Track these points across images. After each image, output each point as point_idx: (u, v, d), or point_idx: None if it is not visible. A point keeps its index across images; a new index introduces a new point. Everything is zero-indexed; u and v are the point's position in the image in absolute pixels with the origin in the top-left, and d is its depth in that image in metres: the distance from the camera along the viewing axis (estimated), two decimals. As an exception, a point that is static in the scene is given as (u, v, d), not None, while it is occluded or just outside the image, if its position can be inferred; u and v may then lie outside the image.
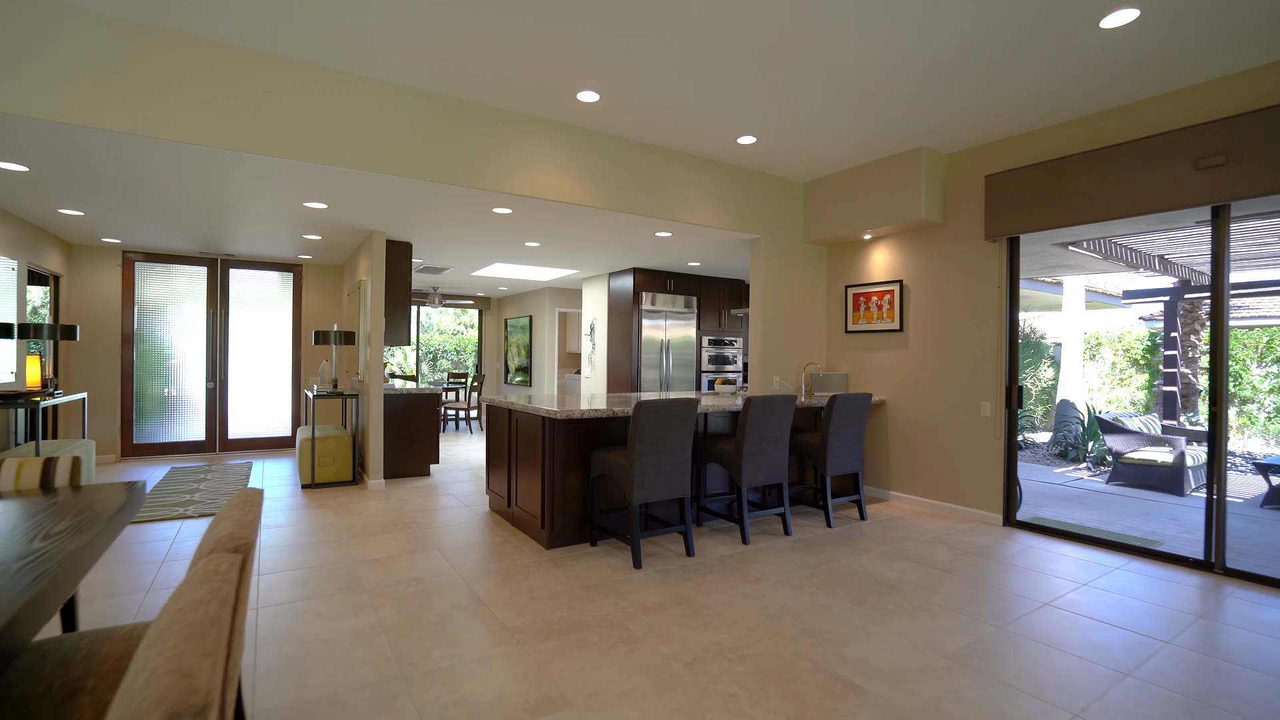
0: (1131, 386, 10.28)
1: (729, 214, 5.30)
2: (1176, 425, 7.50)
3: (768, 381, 5.60)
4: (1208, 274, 7.67)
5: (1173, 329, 7.83)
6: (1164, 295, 7.97)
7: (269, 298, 7.39)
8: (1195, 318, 8.14)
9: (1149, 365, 10.11)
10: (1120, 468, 6.35)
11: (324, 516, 4.52)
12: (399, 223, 5.26)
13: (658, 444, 3.57)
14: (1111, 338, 10.41)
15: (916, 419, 5.13)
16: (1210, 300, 3.88)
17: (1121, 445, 6.42)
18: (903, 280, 5.26)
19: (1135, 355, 10.08)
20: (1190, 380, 8.11)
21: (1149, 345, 9.97)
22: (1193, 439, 6.38)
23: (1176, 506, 5.43)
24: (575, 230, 5.49)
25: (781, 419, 4.16)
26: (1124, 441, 6.41)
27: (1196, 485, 5.94)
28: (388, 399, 5.82)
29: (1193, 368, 8.17)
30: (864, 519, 4.66)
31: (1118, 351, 10.36)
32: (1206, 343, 8.19)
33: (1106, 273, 7.71)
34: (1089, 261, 6.57)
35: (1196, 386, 8.16)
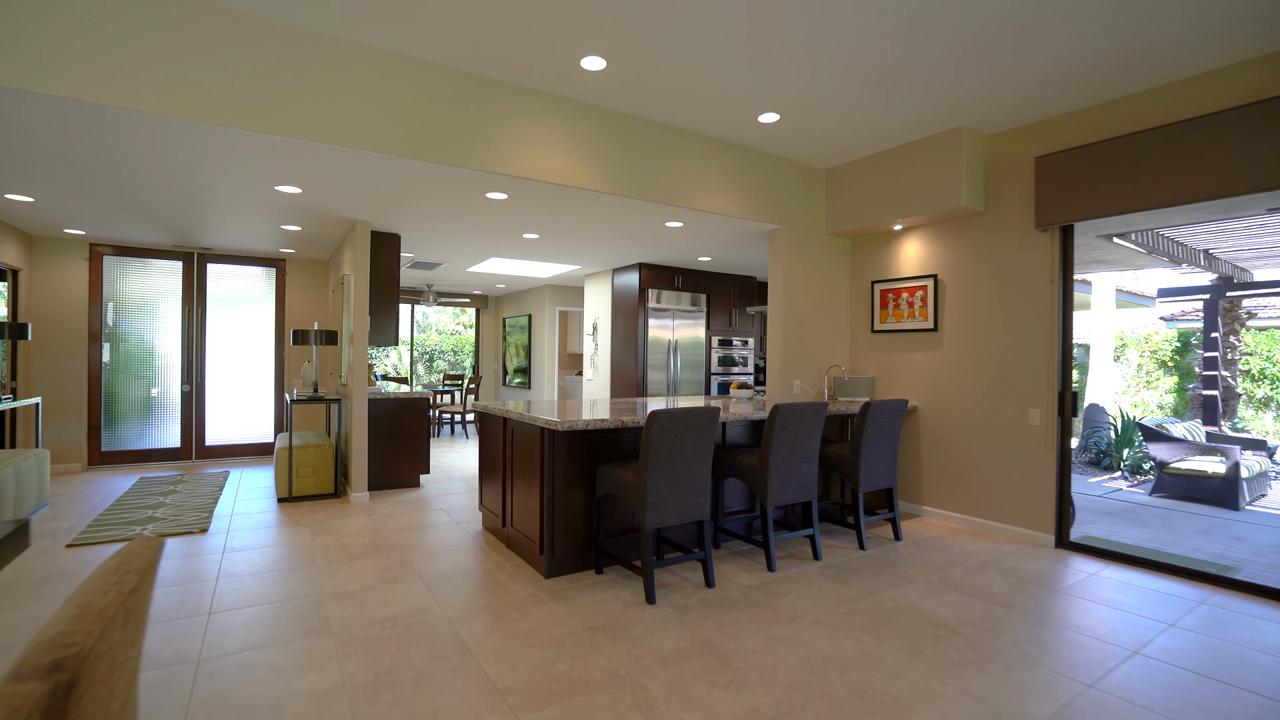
0: (1159, 390, 9.83)
1: (746, 202, 4.84)
2: (1218, 432, 7.03)
3: (788, 386, 5.13)
4: (1251, 270, 7.20)
5: (1213, 329, 7.36)
6: (1203, 293, 7.50)
7: (250, 294, 6.93)
8: (1235, 317, 7.68)
9: (1178, 367, 9.65)
10: (1165, 478, 5.88)
11: (297, 536, 4.05)
12: (384, 211, 4.79)
13: (674, 459, 3.10)
14: (1137, 339, 9.95)
15: (953, 427, 4.66)
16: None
17: (1166, 454, 5.95)
18: (937, 275, 4.79)
19: (1163, 357, 9.63)
20: (1230, 384, 7.64)
21: (1178, 347, 9.52)
22: (1247, 447, 5.91)
23: (1236, 523, 4.96)
24: (577, 219, 5.02)
25: (811, 429, 3.69)
26: (1169, 450, 5.94)
27: (1253, 498, 5.47)
28: (373, 404, 5.35)
29: (1231, 370, 7.70)
30: (899, 539, 4.19)
31: (1144, 353, 9.90)
32: (1250, 345, 7.73)
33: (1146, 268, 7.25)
34: (1130, 256, 6.11)
35: (1237, 390, 7.69)
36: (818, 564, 3.69)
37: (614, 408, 3.96)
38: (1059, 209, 3.97)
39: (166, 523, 4.24)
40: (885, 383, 5.21)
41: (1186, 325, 9.66)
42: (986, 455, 4.43)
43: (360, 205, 4.62)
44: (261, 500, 5.01)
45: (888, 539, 4.22)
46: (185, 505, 4.73)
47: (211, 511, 4.58)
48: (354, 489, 5.00)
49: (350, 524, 4.36)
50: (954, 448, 4.65)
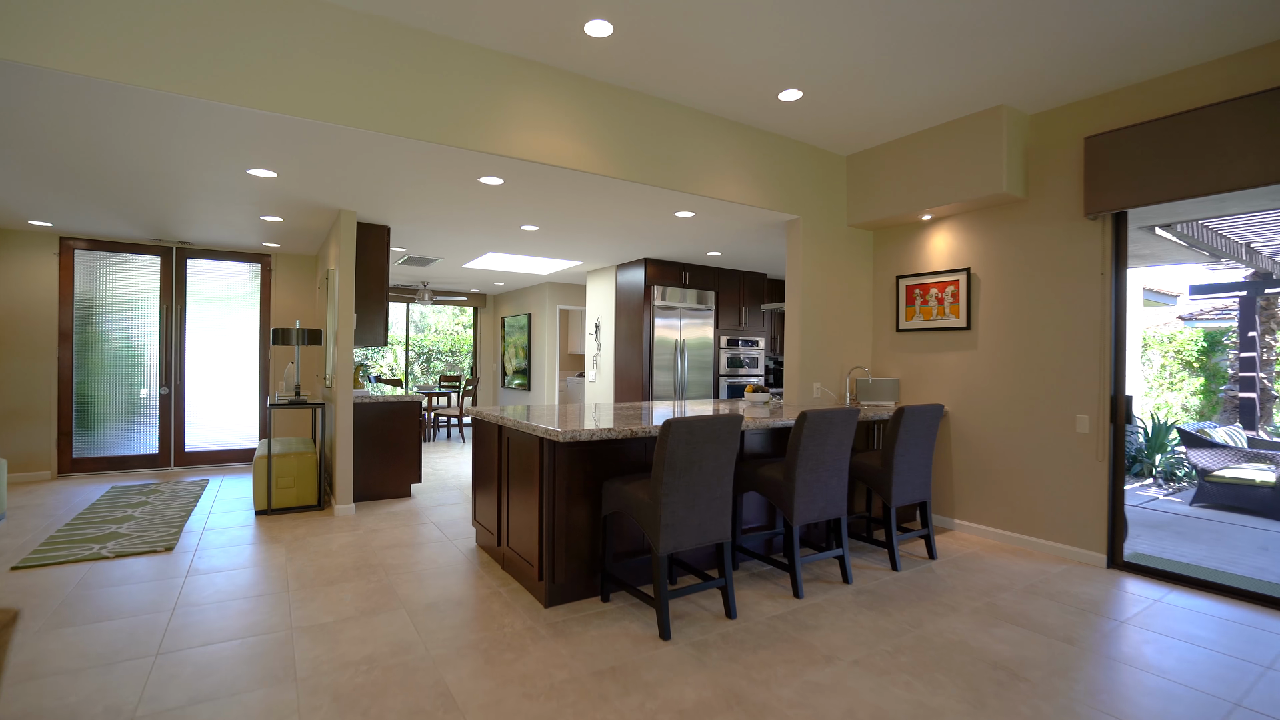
0: (1184, 391, 9.45)
1: (763, 190, 4.46)
2: (1258, 437, 6.65)
3: (807, 388, 4.75)
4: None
5: (1249, 327, 6.98)
6: (1238, 290, 7.12)
7: (233, 292, 6.55)
8: (1271, 315, 7.29)
9: (1204, 368, 9.27)
10: (1208, 487, 5.50)
11: (272, 556, 3.67)
12: (370, 200, 4.41)
13: (691, 475, 2.73)
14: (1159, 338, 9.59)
15: (988, 434, 4.28)
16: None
17: (1208, 461, 5.57)
18: (970, 268, 4.41)
19: (1189, 357, 9.25)
20: (1266, 385, 7.26)
21: (1204, 347, 9.14)
22: (1298, 455, 5.53)
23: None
24: (579, 209, 4.64)
25: (841, 439, 3.32)
26: (1211, 457, 5.56)
27: (1306, 510, 5.09)
28: (360, 408, 4.97)
29: (1268, 371, 7.32)
30: (934, 558, 3.81)
31: (1167, 353, 9.53)
32: (1291, 343, 7.35)
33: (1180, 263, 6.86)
34: (1168, 250, 5.73)
35: (1274, 392, 7.31)
36: (848, 588, 3.31)
37: (620, 414, 3.59)
38: (1111, 194, 3.59)
39: (130, 539, 3.86)
40: (911, 385, 4.83)
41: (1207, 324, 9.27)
42: (1027, 465, 4.06)
43: (344, 193, 4.25)
44: (238, 513, 4.63)
45: (921, 557, 3.85)
46: (155, 519, 4.35)
47: (182, 526, 4.20)
48: (338, 500, 4.63)
49: (332, 541, 3.98)
50: (989, 456, 4.28)
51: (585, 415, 3.46)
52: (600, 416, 3.41)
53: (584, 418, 3.32)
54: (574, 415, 3.45)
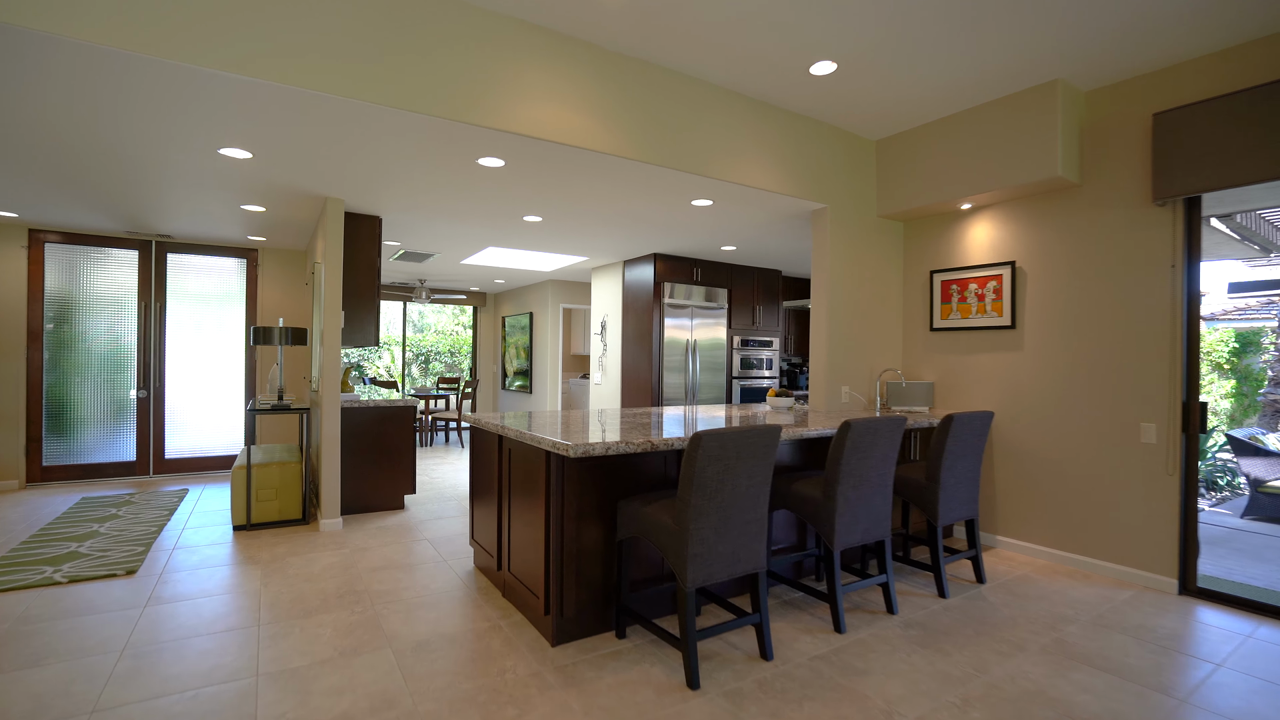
0: (1214, 394, 9.07)
1: (789, 176, 4.08)
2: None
3: (834, 392, 4.37)
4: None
5: (1293, 327, 6.59)
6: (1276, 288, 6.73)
7: (217, 289, 6.17)
8: (1315, 314, 6.90)
9: (1235, 370, 8.89)
10: (1261, 499, 5.11)
11: (246, 580, 3.29)
12: (359, 187, 4.03)
13: (724, 496, 2.34)
14: (1186, 339, 9.18)
15: (1036, 443, 3.90)
16: None
17: (1262, 471, 5.18)
18: (1015, 262, 4.03)
19: (1219, 359, 8.87)
20: (1309, 389, 6.87)
21: (1235, 348, 8.76)
22: (1362, 465, 5.14)
23: (1367, 556, 4.19)
24: (587, 196, 4.26)
25: (886, 452, 2.93)
26: (1266, 466, 5.18)
27: (1374, 525, 4.70)
28: (349, 414, 4.59)
29: (1312, 374, 6.93)
30: (982, 581, 3.43)
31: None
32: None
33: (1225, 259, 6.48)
34: (1217, 244, 5.35)
35: (1318, 396, 6.92)
36: (894, 620, 2.92)
37: (632, 422, 3.20)
38: (1185, 177, 3.21)
39: (90, 561, 3.48)
40: (947, 389, 4.44)
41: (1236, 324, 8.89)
42: (1082, 477, 3.67)
43: (329, 178, 3.87)
44: (215, 528, 4.25)
45: (968, 581, 3.46)
46: (122, 535, 3.97)
47: (151, 544, 3.82)
48: (324, 514, 4.25)
49: (315, 561, 3.60)
50: (1037, 467, 3.89)
51: (594, 424, 3.08)
52: (611, 425, 3.02)
53: (593, 427, 2.94)
54: (582, 424, 3.06)
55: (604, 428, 2.90)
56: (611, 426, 2.96)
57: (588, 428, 2.89)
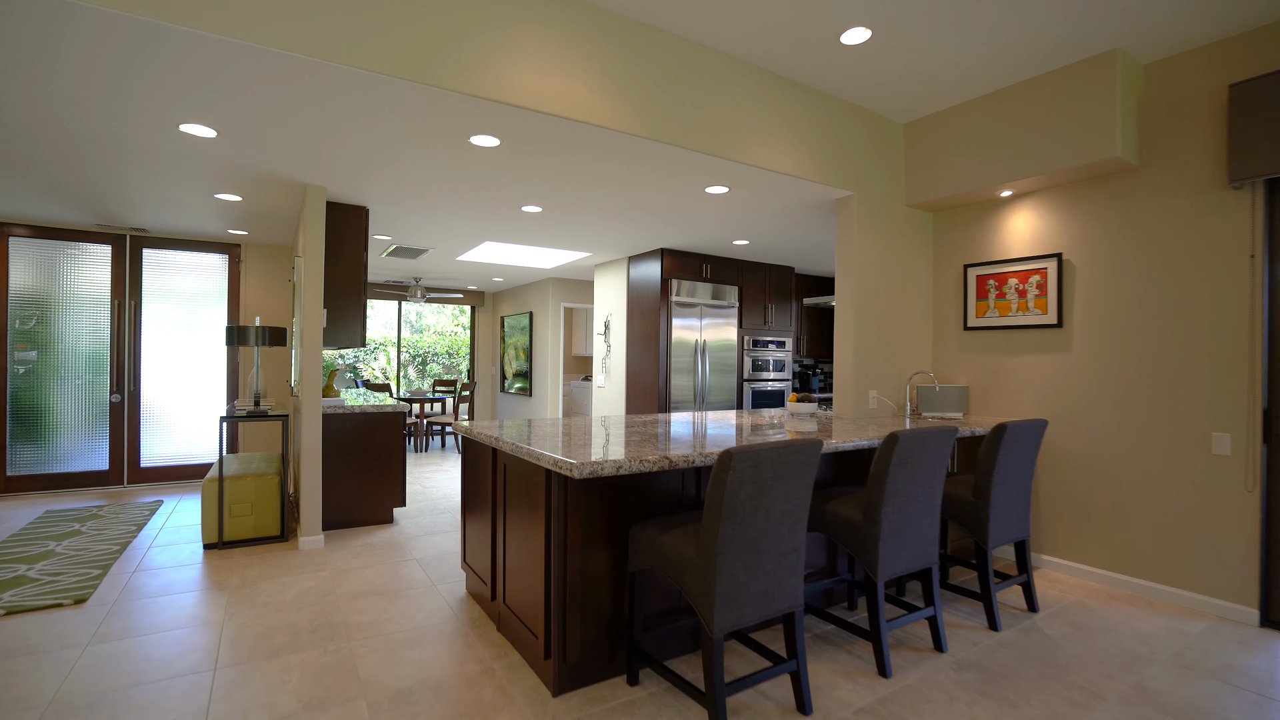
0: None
1: (813, 160, 3.72)
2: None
3: (861, 397, 4.00)
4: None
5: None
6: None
7: (198, 286, 5.81)
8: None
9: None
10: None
11: (210, 610, 2.92)
12: (342, 172, 3.67)
13: (756, 523, 1.98)
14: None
15: (1086, 453, 3.54)
16: None
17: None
18: (1062, 254, 3.67)
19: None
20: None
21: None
22: None
23: None
24: (591, 182, 3.90)
25: (935, 467, 2.57)
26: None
27: None
28: (331, 420, 4.23)
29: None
30: (1035, 610, 3.06)
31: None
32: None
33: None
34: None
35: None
36: (945, 659, 2.55)
37: (642, 432, 2.84)
38: (1270, 154, 2.84)
39: (37, 586, 3.12)
40: (983, 393, 4.08)
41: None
42: (1142, 492, 3.30)
43: (307, 162, 3.51)
44: (184, 546, 3.89)
45: (1018, 608, 3.09)
46: (80, 556, 3.61)
47: (109, 566, 3.46)
48: (304, 531, 3.88)
49: (290, 586, 3.23)
50: (1088, 480, 3.52)
51: (599, 434, 2.71)
52: (619, 436, 2.66)
53: (598, 438, 2.57)
54: (585, 434, 2.70)
55: (611, 439, 2.54)
56: (619, 437, 2.60)
57: (592, 439, 2.52)
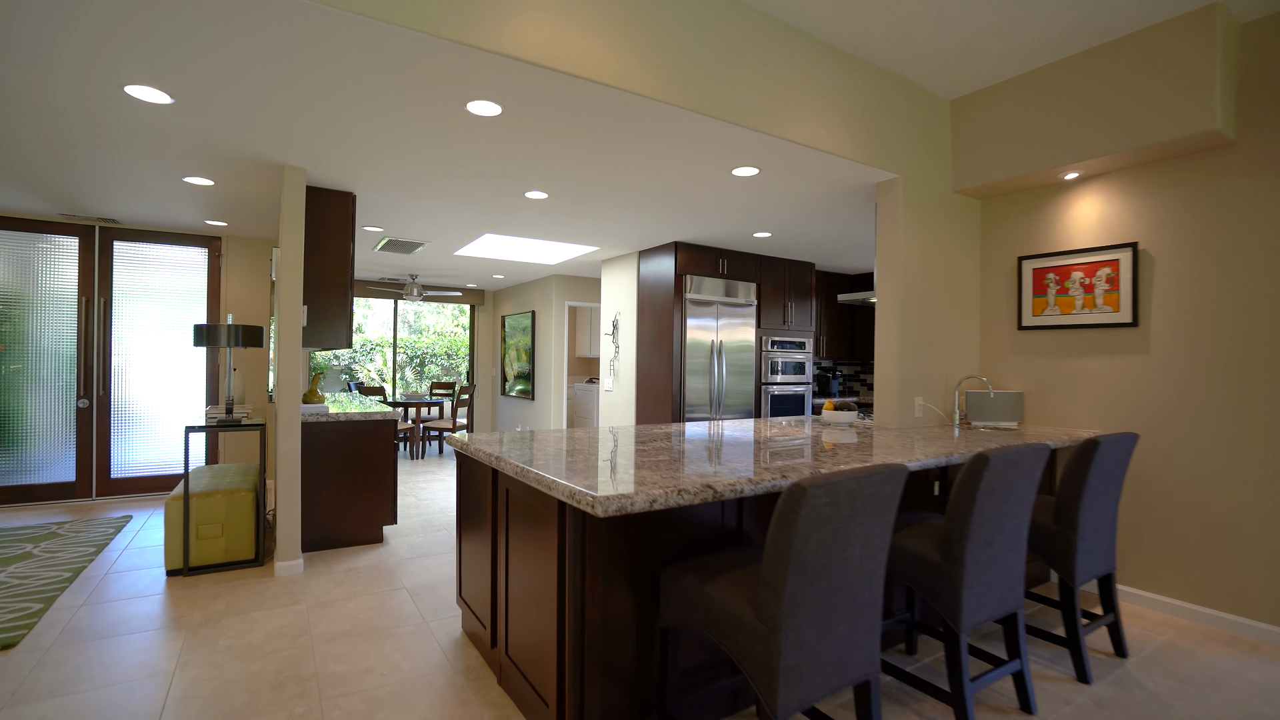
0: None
1: (855, 138, 3.29)
2: None
3: (906, 404, 3.57)
4: None
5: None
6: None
7: (175, 283, 5.38)
8: None
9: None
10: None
11: (161, 655, 2.49)
12: (323, 151, 3.25)
13: (830, 576, 1.55)
14: None
15: (1170, 470, 3.11)
16: None
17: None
18: (1137, 243, 3.24)
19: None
20: None
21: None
22: None
23: None
24: (604, 161, 3.48)
25: (1025, 493, 2.14)
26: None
27: None
28: (314, 430, 3.81)
29: None
30: (1124, 655, 2.63)
31: None
32: None
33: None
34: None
35: None
36: (1036, 725, 2.13)
37: (663, 448, 2.41)
38: (1405, 123, 2.41)
39: (-35, 626, 2.69)
40: (1040, 400, 3.65)
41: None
42: (1241, 517, 2.87)
43: (280, 137, 3.08)
44: (144, 572, 3.46)
45: (1102, 651, 2.66)
46: (23, 586, 3.18)
47: (54, 600, 3.03)
48: (280, 554, 3.45)
49: (258, 625, 2.80)
50: (1172, 500, 3.09)
51: (611, 449, 2.28)
52: (637, 452, 2.23)
53: (613, 455, 2.14)
54: (597, 451, 2.27)
55: (630, 458, 2.11)
56: (639, 455, 2.17)
57: (608, 457, 2.09)
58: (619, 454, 2.24)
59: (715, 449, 2.43)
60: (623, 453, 2.28)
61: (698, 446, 2.49)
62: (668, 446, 2.47)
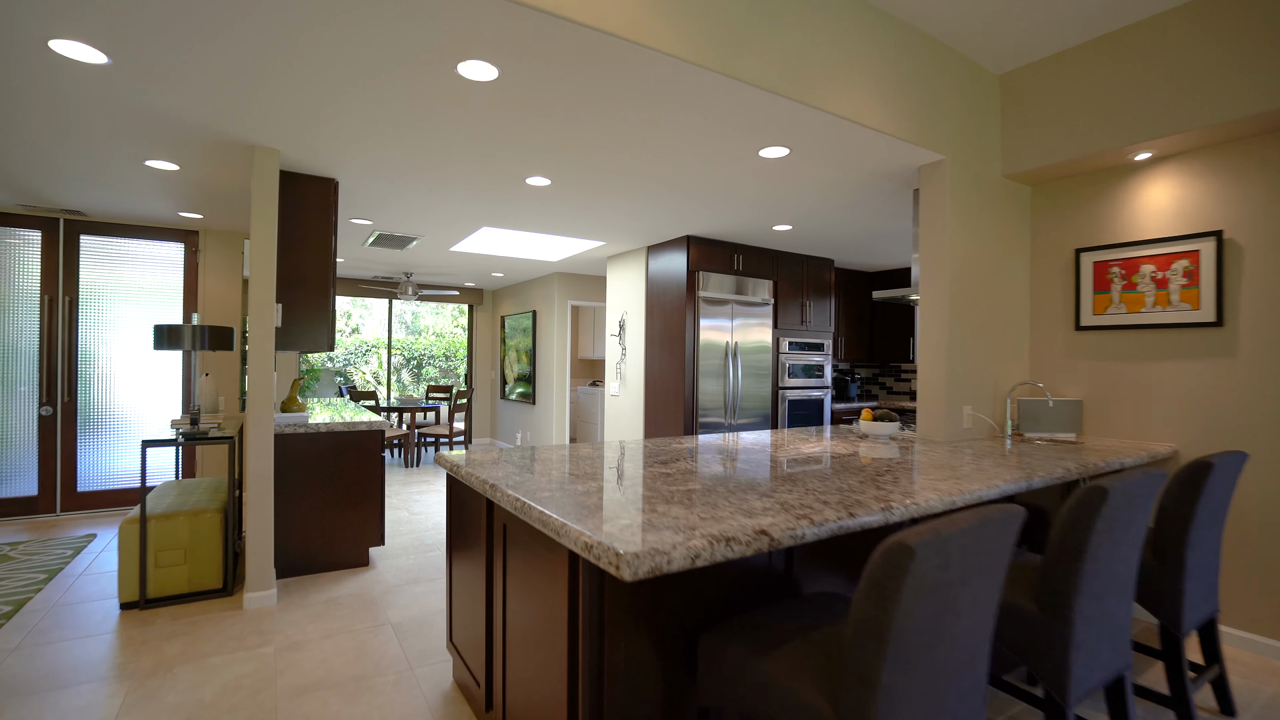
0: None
1: (898, 113, 2.90)
2: None
3: (954, 414, 3.18)
4: None
5: None
6: None
7: (148, 280, 5.00)
8: None
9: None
10: None
11: (91, 717, 2.10)
12: (297, 129, 2.86)
13: (938, 653, 1.16)
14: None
15: (1266, 490, 2.71)
16: None
17: None
18: (1222, 232, 2.85)
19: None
20: None
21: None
22: None
23: None
24: (616, 143, 3.09)
25: (1139, 531, 1.75)
26: None
27: None
28: (291, 442, 3.42)
29: None
30: (1232, 714, 2.24)
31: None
32: None
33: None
34: None
35: None
36: (1152, 814, 1.73)
37: (685, 470, 2.02)
38: None
39: None
40: (1101, 410, 3.26)
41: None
42: (1354, 546, 2.48)
43: (247, 110, 2.70)
44: (99, 604, 3.07)
45: (1207, 709, 2.27)
46: (-45, 621, 2.79)
47: (-14, 639, 2.64)
48: (250, 584, 3.06)
49: (216, 673, 2.41)
50: (1269, 527, 2.70)
51: (629, 477, 1.89)
52: (654, 475, 1.84)
53: (636, 486, 1.75)
54: (611, 477, 1.88)
55: (647, 484, 1.72)
56: (661, 480, 1.78)
57: (625, 486, 1.70)
58: (637, 480, 1.86)
59: (750, 471, 2.04)
60: (642, 479, 1.89)
61: (728, 468, 2.10)
62: (692, 470, 2.08)
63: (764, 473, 2.03)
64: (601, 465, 2.12)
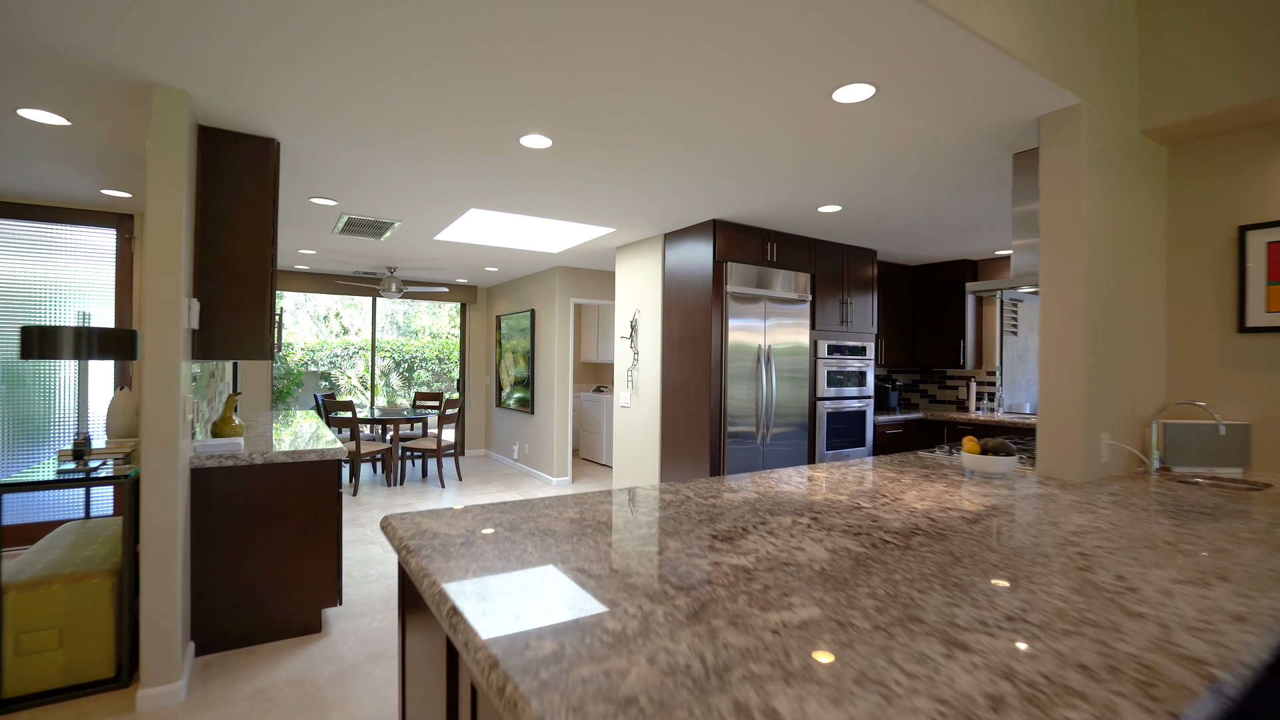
0: None
1: (1028, 35, 2.11)
2: None
3: (1091, 443, 2.38)
4: None
5: None
6: None
7: (73, 272, 4.21)
8: None
9: None
10: None
11: None
12: (211, 58, 2.07)
13: None
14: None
15: None
16: None
17: None
18: None
19: None
20: None
21: None
22: None
23: None
24: (637, 79, 2.30)
25: None
26: None
27: None
28: (216, 478, 2.63)
29: None
30: None
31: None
32: None
33: None
34: None
35: None
36: None
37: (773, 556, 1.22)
38: None
39: None
40: (1273, 437, 2.47)
41: None
42: None
43: (139, 33, 1.91)
44: (-61, 705, 2.27)
45: None
46: None
47: None
48: (147, 677, 2.27)
49: (55, 844, 1.62)
50: None
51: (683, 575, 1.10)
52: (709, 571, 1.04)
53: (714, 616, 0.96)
54: (643, 565, 1.08)
55: (715, 600, 0.93)
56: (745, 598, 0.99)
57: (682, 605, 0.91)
58: (699, 583, 1.06)
59: (878, 556, 1.24)
60: (707, 578, 1.09)
61: (837, 548, 1.30)
62: (780, 554, 1.28)
63: (906, 564, 1.23)
64: (632, 560, 1.33)
